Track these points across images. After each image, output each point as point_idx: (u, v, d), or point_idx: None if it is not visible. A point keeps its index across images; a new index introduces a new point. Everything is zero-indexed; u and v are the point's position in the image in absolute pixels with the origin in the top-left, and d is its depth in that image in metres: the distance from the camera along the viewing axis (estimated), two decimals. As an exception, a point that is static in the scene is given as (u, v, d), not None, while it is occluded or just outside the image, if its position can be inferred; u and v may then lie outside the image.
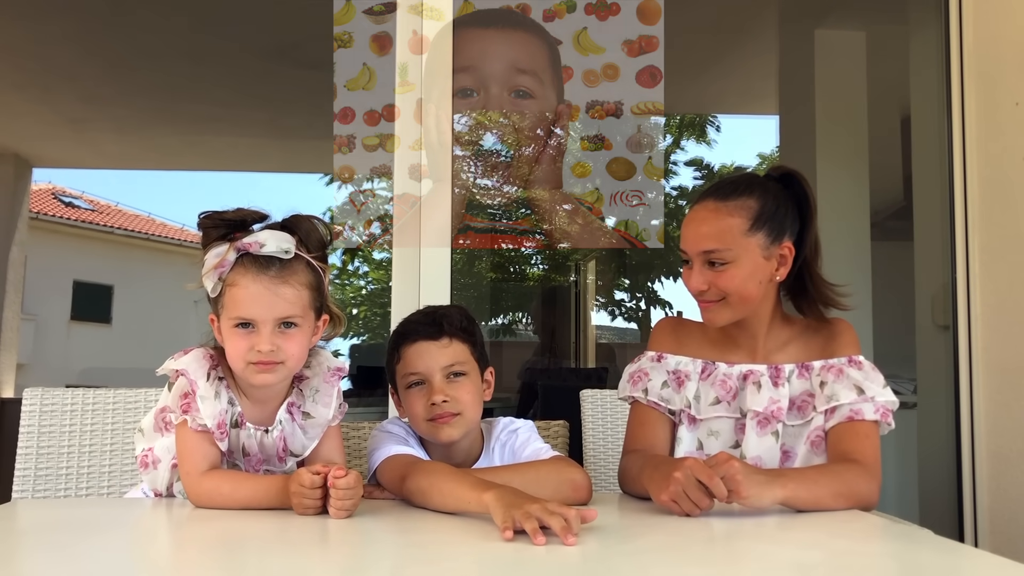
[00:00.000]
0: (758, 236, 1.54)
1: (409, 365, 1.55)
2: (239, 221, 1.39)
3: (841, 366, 1.56)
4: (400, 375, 1.57)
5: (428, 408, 1.51)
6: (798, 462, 1.56)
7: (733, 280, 1.54)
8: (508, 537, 1.10)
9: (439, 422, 1.52)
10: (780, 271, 1.58)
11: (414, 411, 1.54)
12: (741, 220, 1.54)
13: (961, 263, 2.49)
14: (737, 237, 1.53)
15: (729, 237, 1.53)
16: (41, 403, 1.79)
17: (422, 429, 1.55)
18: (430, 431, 1.53)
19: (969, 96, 2.49)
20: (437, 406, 1.51)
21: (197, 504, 1.39)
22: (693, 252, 1.56)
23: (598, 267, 9.45)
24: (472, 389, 1.55)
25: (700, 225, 1.56)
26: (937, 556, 1.12)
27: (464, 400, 1.53)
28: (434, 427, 1.52)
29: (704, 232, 1.55)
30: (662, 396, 1.64)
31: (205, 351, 1.45)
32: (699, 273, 1.55)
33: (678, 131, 10.59)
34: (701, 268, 1.55)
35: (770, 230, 1.55)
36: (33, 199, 6.96)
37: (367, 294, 13.00)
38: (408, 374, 1.55)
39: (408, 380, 1.55)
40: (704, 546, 1.17)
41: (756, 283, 1.56)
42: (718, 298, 1.55)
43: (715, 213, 1.55)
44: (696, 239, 1.55)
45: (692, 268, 1.56)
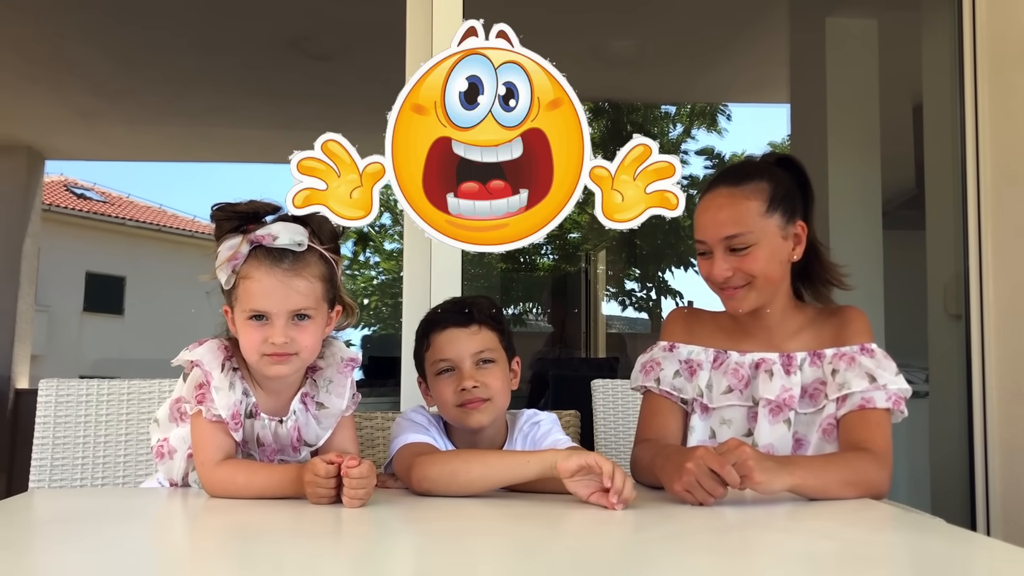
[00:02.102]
0: (775, 217, 1.56)
1: (439, 352, 1.56)
2: (252, 213, 1.40)
3: (853, 354, 1.56)
4: (429, 362, 1.58)
5: (458, 394, 1.53)
6: (811, 450, 1.56)
7: (757, 262, 1.54)
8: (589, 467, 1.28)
9: (469, 407, 1.53)
10: (796, 250, 1.60)
11: (443, 397, 1.55)
12: (758, 202, 1.55)
13: (973, 252, 2.48)
14: (756, 219, 1.54)
15: (749, 220, 1.54)
16: (57, 394, 1.80)
17: (451, 415, 1.56)
18: (459, 417, 1.54)
19: (982, 84, 2.48)
20: (467, 391, 1.52)
21: (212, 493, 1.40)
22: (714, 239, 1.56)
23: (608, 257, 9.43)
24: (501, 376, 1.57)
25: (718, 212, 1.56)
26: (949, 545, 1.12)
27: (494, 386, 1.54)
28: (464, 413, 1.54)
29: (723, 218, 1.55)
30: (674, 385, 1.65)
31: (220, 342, 1.46)
32: (722, 260, 1.55)
33: (689, 120, 10.54)
34: (724, 255, 1.55)
35: (784, 210, 1.57)
36: (45, 191, 6.99)
37: (378, 284, 13.03)
38: (438, 360, 1.56)
39: (438, 367, 1.56)
40: (716, 535, 1.17)
41: (778, 263, 1.58)
42: (744, 283, 1.56)
43: (731, 198, 1.56)
44: (716, 225, 1.55)
45: (713, 257, 1.56)
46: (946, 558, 1.05)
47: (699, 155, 10.64)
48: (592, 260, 7.94)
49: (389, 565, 1.02)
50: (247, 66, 4.93)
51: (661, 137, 10.29)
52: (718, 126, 10.44)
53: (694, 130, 10.63)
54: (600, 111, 9.11)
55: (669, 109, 10.20)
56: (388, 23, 2.46)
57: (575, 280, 7.25)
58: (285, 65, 4.85)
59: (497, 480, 1.38)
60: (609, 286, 9.63)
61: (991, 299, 2.43)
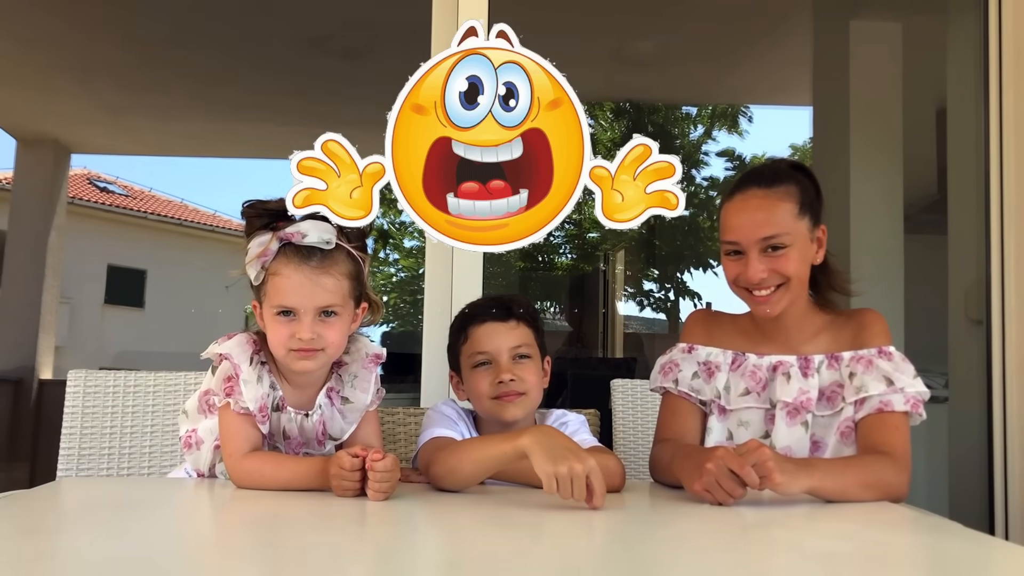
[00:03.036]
0: (805, 220, 1.57)
1: (477, 345, 1.58)
2: (282, 211, 1.42)
3: (871, 357, 1.57)
4: (466, 355, 1.60)
5: (495, 386, 1.55)
6: (828, 453, 1.57)
7: (791, 263, 1.55)
8: (552, 493, 1.21)
9: (504, 400, 1.55)
10: (819, 253, 1.62)
11: (479, 389, 1.57)
12: (792, 204, 1.56)
13: (996, 257, 2.47)
14: (791, 221, 1.56)
15: (786, 221, 1.55)
16: (85, 385, 1.83)
17: (485, 407, 1.58)
18: (494, 410, 1.56)
19: (1007, 89, 2.47)
20: (504, 384, 1.54)
21: (239, 485, 1.42)
22: (750, 241, 1.56)
23: (627, 257, 9.42)
24: (536, 371, 1.59)
25: (755, 213, 1.56)
26: (966, 548, 1.12)
27: (529, 381, 1.57)
28: (499, 405, 1.56)
29: (761, 219, 1.55)
30: (692, 387, 1.66)
31: (248, 336, 1.48)
32: (757, 261, 1.55)
33: (710, 121, 10.51)
34: (759, 256, 1.55)
35: (812, 214, 1.59)
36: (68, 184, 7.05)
37: (397, 282, 13.07)
38: (476, 353, 1.58)
39: (475, 360, 1.58)
40: (734, 535, 1.18)
41: (807, 266, 1.59)
42: (777, 284, 1.56)
43: (767, 199, 1.56)
44: (753, 227, 1.56)
45: (747, 258, 1.56)
46: (963, 561, 1.06)
47: (720, 156, 10.62)
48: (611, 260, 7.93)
49: (413, 558, 1.04)
50: (272, 63, 4.97)
51: (682, 138, 10.26)
52: (739, 128, 10.40)
53: (715, 131, 10.60)
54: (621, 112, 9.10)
55: (690, 110, 10.18)
56: (413, 22, 2.48)
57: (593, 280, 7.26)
58: (310, 63, 4.89)
59: (489, 468, 1.38)
60: (627, 286, 9.62)
61: (1013, 305, 2.42)
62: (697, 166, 10.51)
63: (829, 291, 1.67)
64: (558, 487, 1.22)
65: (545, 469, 1.23)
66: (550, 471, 1.22)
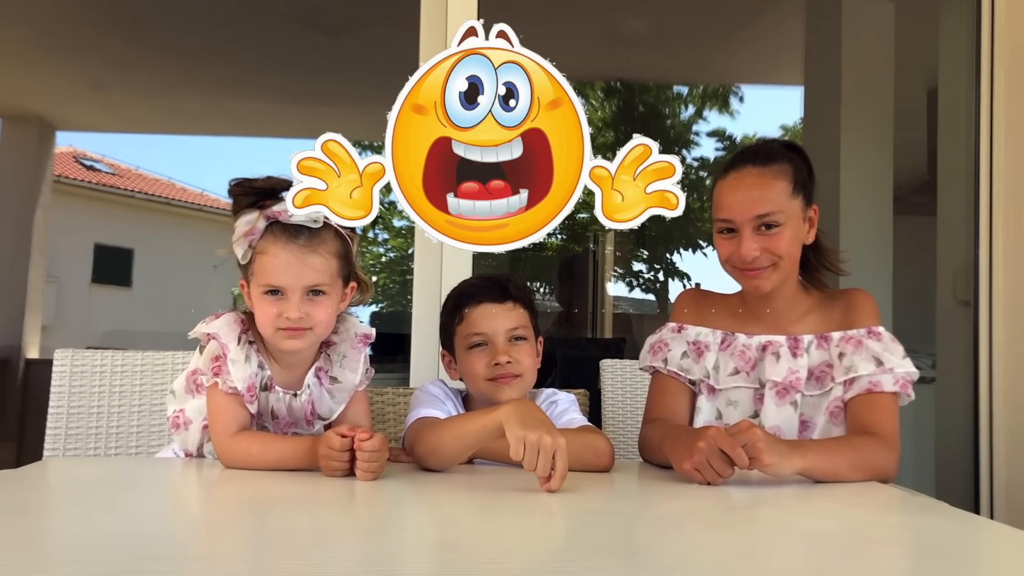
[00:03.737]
0: (799, 199, 1.58)
1: (473, 326, 1.58)
2: (269, 189, 1.41)
3: (860, 337, 1.57)
4: (461, 335, 1.59)
5: (491, 368, 1.55)
6: (817, 432, 1.57)
7: (784, 242, 1.56)
8: (518, 458, 1.22)
9: (500, 382, 1.55)
10: (811, 233, 1.62)
11: (474, 371, 1.57)
12: (786, 183, 1.57)
13: (984, 239, 2.48)
14: (785, 200, 1.56)
15: (780, 200, 1.56)
16: (71, 364, 1.82)
17: (480, 388, 1.58)
18: (490, 391, 1.56)
19: (999, 70, 2.47)
20: (500, 366, 1.54)
21: (227, 464, 1.42)
22: (744, 219, 1.56)
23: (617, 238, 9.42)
24: (531, 353, 1.60)
25: (750, 191, 1.56)
26: (953, 526, 1.13)
27: (525, 363, 1.57)
28: (495, 387, 1.55)
29: (756, 197, 1.56)
30: (682, 366, 1.66)
31: (236, 315, 1.47)
32: (751, 239, 1.56)
33: (700, 101, 10.47)
34: (752, 234, 1.56)
35: (804, 193, 1.59)
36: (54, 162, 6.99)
37: (386, 262, 13.03)
38: (472, 334, 1.58)
39: (471, 340, 1.58)
40: (723, 514, 1.19)
41: (799, 246, 1.60)
42: (770, 263, 1.57)
43: (762, 178, 1.57)
44: (748, 205, 1.56)
45: (740, 236, 1.57)
46: (950, 539, 1.07)
47: (711, 136, 10.58)
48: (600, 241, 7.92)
49: (401, 537, 1.04)
50: (259, 40, 4.92)
51: (672, 118, 10.23)
52: (730, 108, 10.36)
53: (706, 111, 10.56)
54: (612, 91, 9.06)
55: (681, 90, 10.14)
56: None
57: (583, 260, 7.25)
58: (297, 39, 4.85)
59: (470, 444, 1.39)
60: (617, 267, 9.62)
61: (1000, 286, 2.44)
62: (688, 146, 10.49)
63: (820, 270, 1.68)
64: (524, 453, 1.22)
65: (516, 432, 1.23)
66: (520, 435, 1.22)
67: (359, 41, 4.79)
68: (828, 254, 1.67)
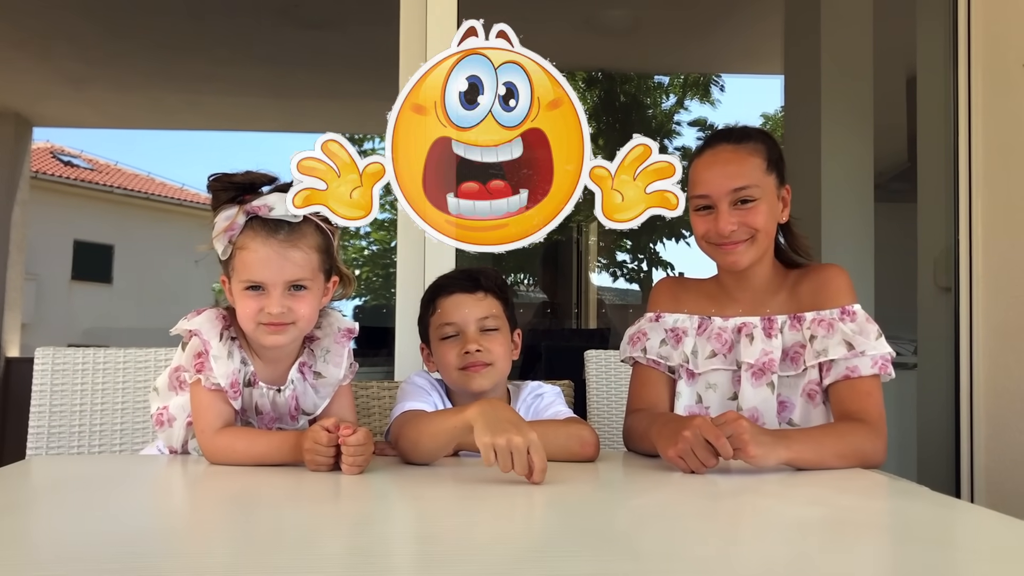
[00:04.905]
0: (773, 176, 1.61)
1: (445, 316, 1.59)
2: (248, 184, 1.40)
3: (832, 320, 1.56)
4: (435, 326, 1.61)
5: (461, 357, 1.56)
6: (796, 413, 1.58)
7: (760, 216, 1.58)
8: (490, 465, 1.20)
9: (471, 371, 1.56)
10: (784, 212, 1.65)
11: (447, 360, 1.58)
12: (760, 160, 1.59)
13: (964, 225, 2.50)
14: (761, 175, 1.59)
15: (756, 174, 1.58)
16: (53, 362, 1.81)
17: (453, 378, 1.58)
18: (461, 380, 1.57)
19: (976, 57, 2.48)
20: (471, 355, 1.55)
21: (212, 461, 1.42)
22: (720, 193, 1.57)
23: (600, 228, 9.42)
24: (503, 343, 1.60)
25: (726, 166, 1.59)
26: (935, 511, 1.14)
27: (496, 352, 1.57)
28: (466, 376, 1.56)
29: (732, 171, 1.58)
30: (660, 354, 1.67)
31: (218, 312, 1.47)
32: (727, 214, 1.57)
33: (682, 91, 10.49)
34: (729, 209, 1.57)
35: (777, 172, 1.62)
36: (31, 158, 6.92)
37: (369, 255, 13.00)
38: (443, 324, 1.59)
39: (443, 331, 1.59)
40: (707, 502, 1.19)
41: (774, 222, 1.62)
42: (746, 237, 1.58)
43: (736, 153, 1.59)
44: (724, 179, 1.58)
45: (717, 211, 1.58)
46: (932, 523, 1.08)
47: (692, 126, 10.61)
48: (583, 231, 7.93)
49: (387, 531, 1.04)
50: (238, 33, 4.88)
51: (654, 108, 10.24)
52: (711, 97, 10.39)
53: (687, 101, 10.59)
54: (593, 81, 9.06)
55: (662, 79, 10.15)
56: (382, -9, 2.44)
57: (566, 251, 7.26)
58: (276, 32, 4.81)
59: (444, 442, 1.38)
60: (600, 257, 9.64)
61: (980, 272, 2.46)
62: (669, 136, 10.51)
63: (791, 253, 1.69)
64: (497, 459, 1.21)
65: (483, 440, 1.22)
66: (488, 442, 1.21)
67: (338, 34, 4.77)
68: (797, 238, 1.69)
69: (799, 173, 1.68)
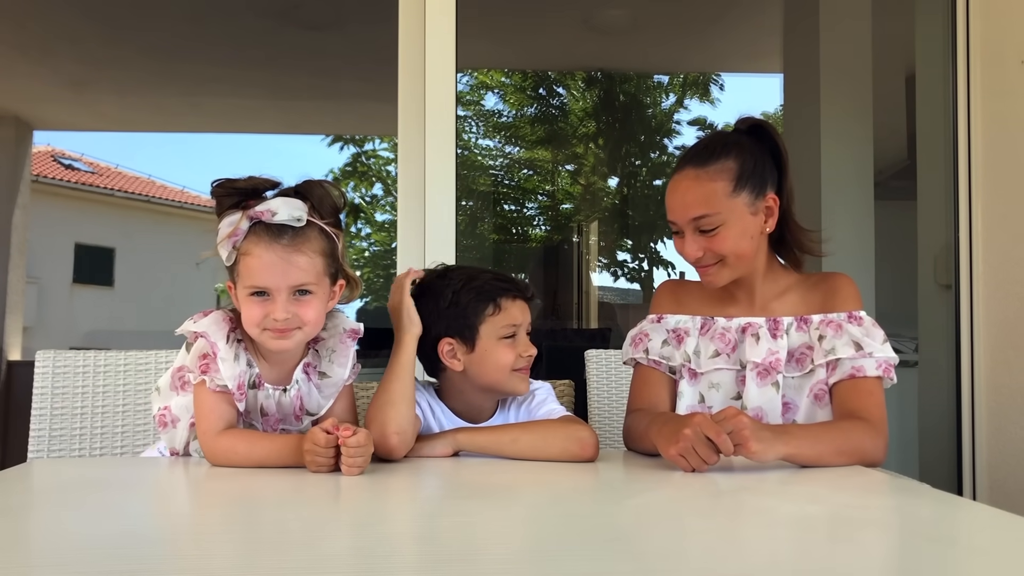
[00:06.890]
0: (742, 195, 1.55)
1: (511, 317, 1.57)
2: (252, 189, 1.40)
3: (840, 321, 1.58)
4: (497, 325, 1.58)
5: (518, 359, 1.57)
6: (800, 414, 1.58)
7: (726, 242, 1.55)
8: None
9: (524, 372, 1.59)
10: (768, 223, 1.60)
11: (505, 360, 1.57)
12: (724, 183, 1.54)
13: (964, 222, 2.50)
14: (723, 200, 1.54)
15: (715, 201, 1.54)
16: (54, 365, 1.81)
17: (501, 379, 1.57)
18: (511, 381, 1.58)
19: (975, 55, 2.48)
20: (521, 357, 1.58)
21: (213, 463, 1.42)
22: (682, 221, 1.57)
23: (600, 228, 9.43)
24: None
25: (685, 194, 1.56)
26: (936, 508, 1.14)
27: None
28: (518, 377, 1.58)
29: (690, 200, 1.55)
30: (662, 354, 1.67)
31: (224, 314, 1.47)
32: (692, 241, 1.57)
33: (681, 90, 10.48)
34: (693, 235, 1.57)
35: (752, 187, 1.56)
36: (32, 162, 6.92)
37: (370, 256, 13.00)
38: (509, 325, 1.58)
39: (507, 331, 1.58)
40: (707, 501, 1.19)
41: (748, 240, 1.58)
42: (715, 261, 1.58)
43: (697, 181, 1.55)
44: (683, 208, 1.56)
45: (684, 237, 1.58)
46: (933, 521, 1.08)
47: (692, 125, 10.60)
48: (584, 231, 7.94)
49: (388, 531, 1.04)
50: (238, 35, 4.89)
51: (654, 107, 10.24)
52: (711, 96, 10.39)
53: (687, 100, 10.58)
54: (593, 81, 9.06)
55: (662, 79, 10.14)
56: (381, -7, 2.44)
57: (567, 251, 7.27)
58: (276, 35, 4.82)
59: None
60: (601, 257, 9.64)
61: (981, 269, 2.46)
62: (669, 135, 10.50)
63: (798, 253, 1.67)
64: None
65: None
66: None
67: (338, 36, 4.77)
68: (801, 234, 1.65)
69: (799, 172, 1.67)
